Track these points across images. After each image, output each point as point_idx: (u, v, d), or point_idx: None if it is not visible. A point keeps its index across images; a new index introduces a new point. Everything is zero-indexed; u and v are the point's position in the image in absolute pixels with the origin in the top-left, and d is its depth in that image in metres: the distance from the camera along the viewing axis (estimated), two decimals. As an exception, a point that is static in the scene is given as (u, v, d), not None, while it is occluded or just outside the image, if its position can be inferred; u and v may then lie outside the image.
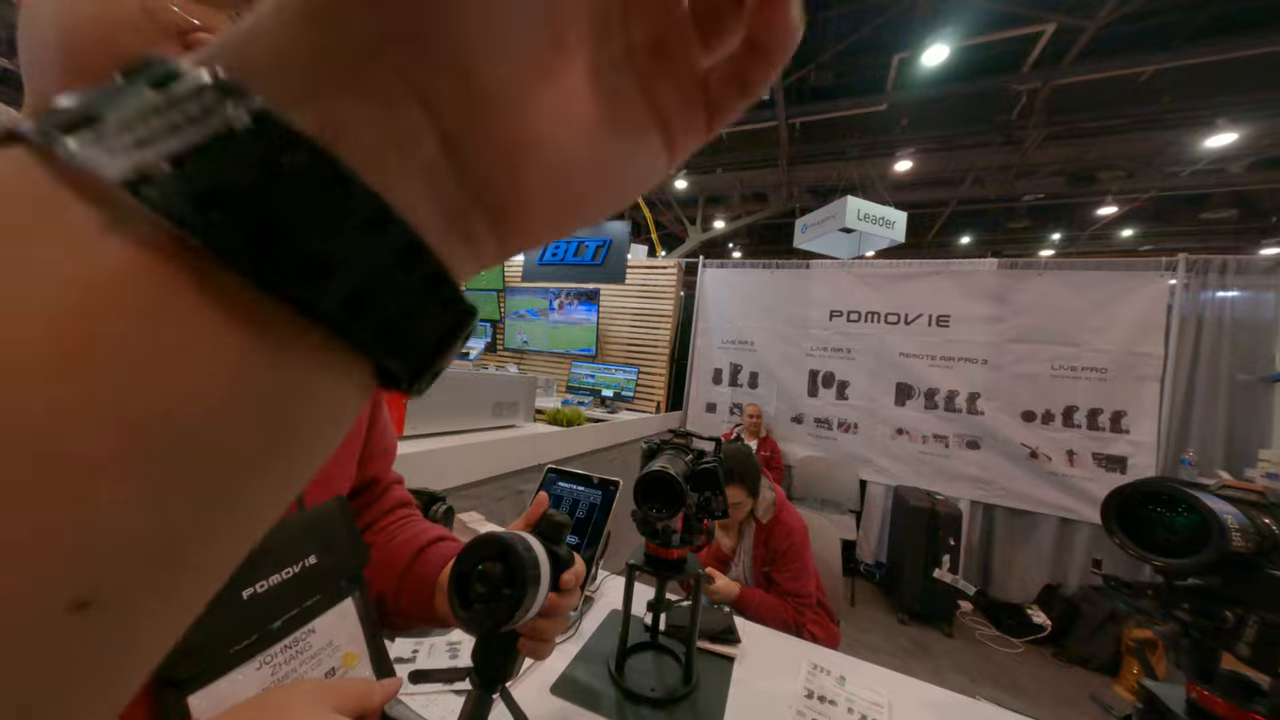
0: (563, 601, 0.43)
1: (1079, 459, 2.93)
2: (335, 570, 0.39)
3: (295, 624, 0.35)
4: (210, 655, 0.30)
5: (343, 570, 0.40)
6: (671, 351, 3.98)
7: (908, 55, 4.19)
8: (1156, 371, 2.80)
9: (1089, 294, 2.96)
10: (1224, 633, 0.55)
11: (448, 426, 1.34)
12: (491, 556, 0.40)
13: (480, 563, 0.40)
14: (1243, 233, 6.36)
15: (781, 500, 1.47)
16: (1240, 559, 0.53)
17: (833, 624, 1.43)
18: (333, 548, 0.39)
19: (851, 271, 3.58)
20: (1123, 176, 5.37)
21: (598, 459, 2.21)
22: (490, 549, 0.40)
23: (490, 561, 0.39)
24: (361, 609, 0.41)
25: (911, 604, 2.81)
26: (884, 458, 3.37)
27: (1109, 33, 3.81)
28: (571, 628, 0.98)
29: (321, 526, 0.39)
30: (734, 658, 0.96)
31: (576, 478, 1.15)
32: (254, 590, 0.32)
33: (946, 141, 5.35)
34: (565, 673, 0.86)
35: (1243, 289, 2.76)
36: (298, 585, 0.35)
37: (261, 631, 0.32)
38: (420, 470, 1.11)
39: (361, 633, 0.40)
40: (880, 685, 0.90)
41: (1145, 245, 7.23)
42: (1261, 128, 4.24)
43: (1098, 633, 2.51)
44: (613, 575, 1.19)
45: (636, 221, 5.52)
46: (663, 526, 0.85)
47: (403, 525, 0.56)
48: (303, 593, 0.36)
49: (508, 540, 0.40)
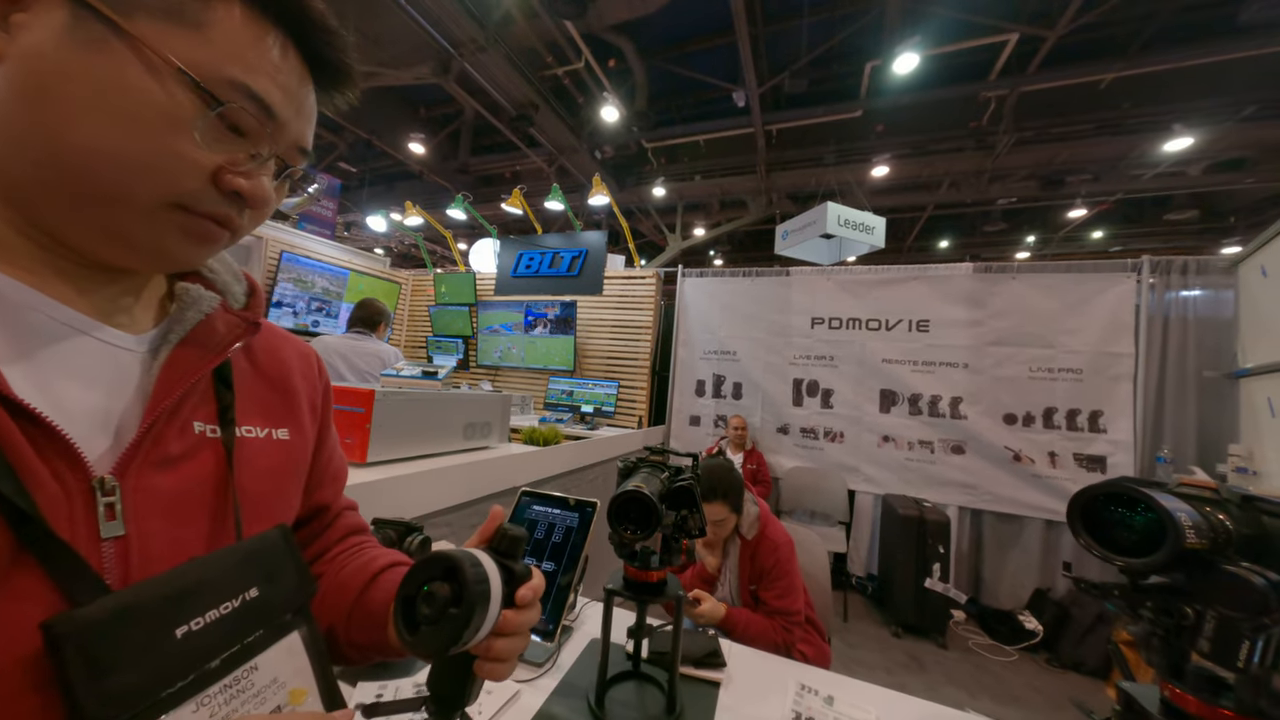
0: (520, 618, 0.42)
1: (1060, 460, 2.96)
2: (279, 603, 0.37)
3: (236, 661, 0.33)
4: (139, 701, 0.28)
5: (288, 602, 0.38)
6: (652, 364, 3.94)
7: (880, 63, 4.29)
8: (1129, 370, 2.86)
9: (1061, 296, 3.02)
10: (1186, 629, 0.56)
11: (414, 451, 1.28)
12: (437, 576, 0.38)
13: (426, 583, 0.38)
14: (1205, 233, 6.62)
15: (766, 515, 1.44)
16: (1196, 556, 0.55)
17: (823, 641, 1.39)
18: (276, 579, 0.37)
19: (832, 278, 3.60)
20: (1090, 179, 5.56)
21: (578, 479, 2.16)
22: (435, 568, 0.38)
23: (436, 582, 0.38)
24: (309, 642, 0.38)
25: (904, 616, 2.79)
26: (871, 466, 3.37)
27: (1069, 42, 3.97)
28: (549, 660, 0.93)
29: (262, 557, 0.37)
30: (719, 682, 0.93)
31: (552, 500, 1.11)
32: (188, 628, 0.30)
33: (921, 147, 5.49)
34: (543, 709, 0.82)
35: (1204, 288, 2.84)
36: (238, 620, 0.33)
37: (198, 671, 0.31)
38: (385, 499, 1.05)
39: (310, 667, 0.38)
40: (868, 703, 0.88)
41: (1115, 246, 7.49)
42: (1215, 132, 4.43)
43: (1088, 635, 2.52)
44: (593, 602, 1.15)
45: (614, 230, 5.52)
46: (640, 548, 0.81)
47: (354, 553, 0.54)
48: (244, 628, 0.34)
49: (454, 558, 0.38)
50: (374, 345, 2.35)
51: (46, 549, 0.27)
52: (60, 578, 0.27)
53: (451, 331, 4.59)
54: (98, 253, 0.32)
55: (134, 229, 0.31)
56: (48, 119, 0.28)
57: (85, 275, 0.33)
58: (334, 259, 4.05)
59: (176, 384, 0.35)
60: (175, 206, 0.32)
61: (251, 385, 0.43)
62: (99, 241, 0.32)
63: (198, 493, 0.35)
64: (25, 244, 0.31)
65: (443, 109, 6.07)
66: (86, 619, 0.26)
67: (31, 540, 0.26)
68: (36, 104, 0.28)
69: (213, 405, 0.38)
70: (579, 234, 4.20)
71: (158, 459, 0.33)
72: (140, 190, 0.30)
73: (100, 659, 0.26)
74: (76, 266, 0.33)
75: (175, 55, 0.29)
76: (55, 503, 0.27)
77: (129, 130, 0.29)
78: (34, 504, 0.26)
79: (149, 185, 0.30)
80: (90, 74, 0.28)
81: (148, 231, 0.32)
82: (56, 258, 0.32)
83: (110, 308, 0.35)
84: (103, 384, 0.33)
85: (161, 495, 0.33)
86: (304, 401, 0.48)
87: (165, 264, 0.37)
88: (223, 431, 0.38)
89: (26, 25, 0.28)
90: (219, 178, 0.32)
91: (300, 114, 0.37)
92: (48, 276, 0.31)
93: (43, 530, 0.26)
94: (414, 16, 3.62)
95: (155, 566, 0.31)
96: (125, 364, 0.34)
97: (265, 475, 0.41)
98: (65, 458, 0.29)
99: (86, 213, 0.31)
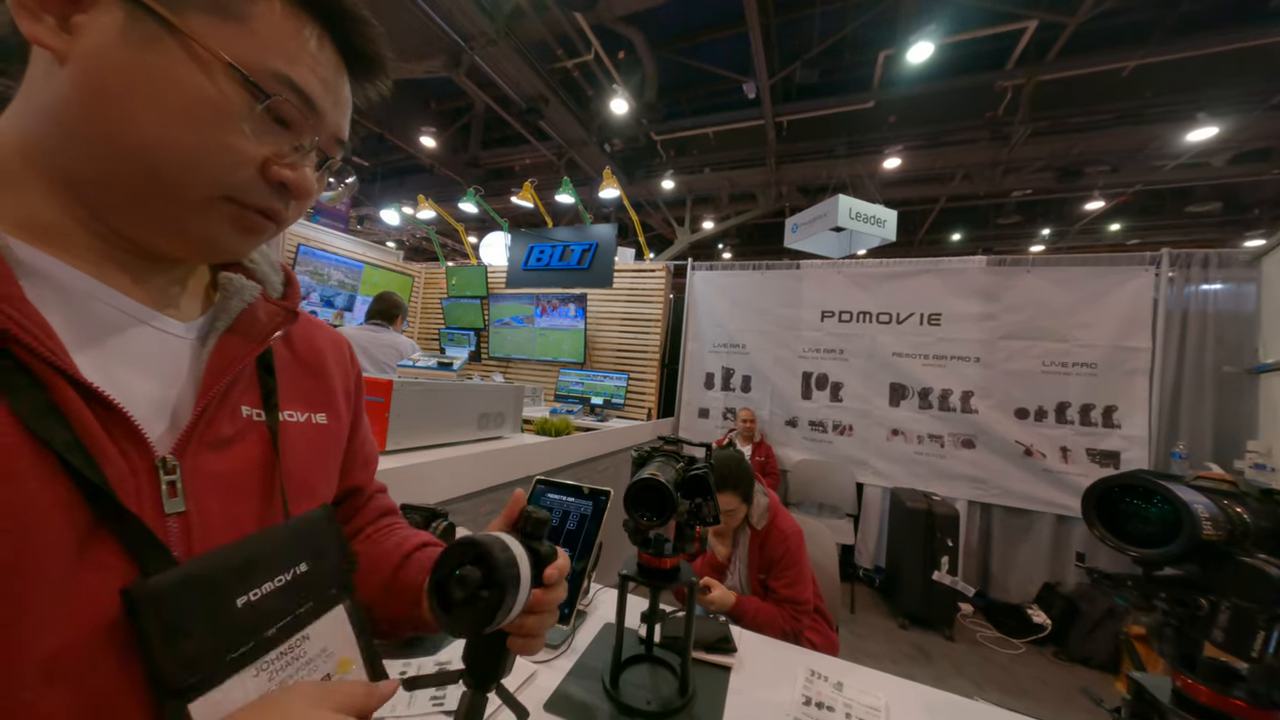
0: (548, 596, 0.43)
1: (1073, 455, 2.94)
2: (325, 577, 0.39)
3: (289, 630, 0.35)
4: (208, 664, 0.30)
5: (333, 577, 0.40)
6: (662, 356, 3.96)
7: (893, 52, 4.22)
8: (1145, 365, 2.82)
9: (1076, 289, 2.98)
10: (1199, 619, 0.56)
11: (432, 440, 1.31)
12: (469, 560, 0.39)
13: (457, 568, 0.39)
14: (1228, 225, 6.45)
15: (776, 505, 1.45)
16: (1212, 547, 0.55)
17: (831, 631, 1.41)
18: (322, 555, 0.39)
19: (842, 271, 3.58)
20: (1108, 171, 5.44)
21: (588, 469, 2.19)
22: (466, 553, 0.40)
23: (468, 566, 0.39)
24: (353, 614, 0.41)
25: (911, 608, 2.80)
26: (880, 459, 3.37)
27: (1090, 29, 3.86)
28: (564, 643, 0.96)
29: (309, 535, 0.39)
30: (730, 667, 0.95)
31: (567, 489, 1.14)
32: (248, 598, 0.33)
33: (934, 138, 5.39)
34: (559, 689, 0.84)
35: (1225, 282, 2.79)
36: (290, 592, 0.36)
37: (257, 639, 0.33)
38: (405, 485, 1.08)
39: (355, 638, 0.40)
40: (878, 689, 0.89)
41: (1133, 239, 7.32)
42: (1241, 121, 4.31)
43: (1097, 630, 2.51)
44: (606, 588, 1.17)
45: (623, 223, 5.51)
46: (655, 535, 0.83)
47: (388, 533, 0.56)
48: (295, 600, 0.36)
49: (483, 543, 0.39)
50: (391, 337, 2.39)
51: (120, 523, 0.28)
52: (133, 549, 0.29)
53: (463, 324, 4.64)
54: (153, 243, 0.34)
55: (188, 221, 0.33)
56: (109, 116, 0.29)
57: (140, 265, 0.35)
58: (349, 252, 4.10)
59: (226, 370, 0.36)
60: (226, 199, 0.33)
61: (291, 372, 0.45)
62: (154, 232, 0.33)
63: (247, 473, 0.37)
64: (85, 235, 0.32)
65: (453, 102, 6.07)
66: (160, 586, 0.28)
67: (106, 515, 0.28)
68: (98, 102, 0.29)
69: (257, 391, 0.40)
70: (589, 227, 4.21)
71: (211, 441, 0.35)
72: (195, 183, 0.32)
73: (173, 623, 0.28)
74: (132, 257, 0.34)
75: (223, 49, 0.30)
76: (124, 480, 0.29)
77: (183, 125, 0.30)
78: (106, 480, 0.28)
79: (203, 178, 0.32)
80: (147, 71, 0.29)
81: (200, 223, 0.33)
82: (114, 248, 0.34)
83: (162, 297, 0.37)
84: (159, 369, 0.35)
85: (216, 475, 0.35)
86: (339, 388, 0.50)
87: (215, 254, 0.38)
88: (267, 415, 0.40)
89: (86, 26, 0.29)
90: (266, 169, 0.34)
91: (338, 105, 0.38)
92: (106, 267, 0.33)
93: (117, 505, 0.28)
94: (426, 10, 3.63)
95: (213, 541, 0.33)
96: (177, 350, 0.36)
97: (306, 457, 0.43)
98: (131, 438, 0.30)
99: (144, 206, 0.32)
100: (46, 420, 0.27)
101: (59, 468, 0.27)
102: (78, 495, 0.27)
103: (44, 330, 0.28)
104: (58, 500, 0.26)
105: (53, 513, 0.26)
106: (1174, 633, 0.59)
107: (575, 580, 1.02)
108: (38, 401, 0.27)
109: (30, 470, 0.26)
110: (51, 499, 0.26)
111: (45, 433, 0.26)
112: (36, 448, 0.26)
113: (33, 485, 0.26)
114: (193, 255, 0.37)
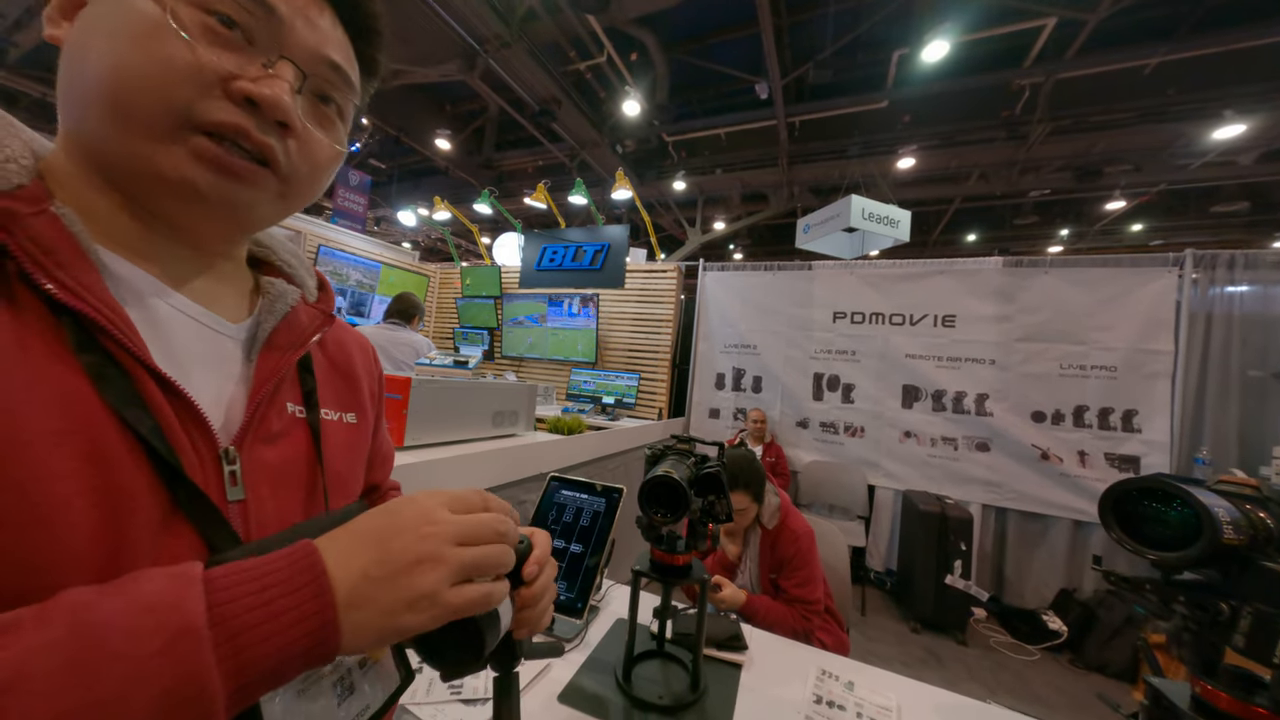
0: (534, 590, 0.42)
1: (1091, 459, 2.89)
2: None
3: None
4: None
5: None
6: (673, 357, 3.97)
7: (907, 51, 4.19)
8: (1167, 369, 2.76)
9: (1096, 291, 2.92)
10: (1220, 625, 0.55)
11: (448, 436, 1.34)
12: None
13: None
14: (1256, 225, 6.27)
15: (787, 506, 1.46)
16: (1233, 552, 0.54)
17: (842, 631, 1.41)
18: None
19: (854, 272, 3.56)
20: (1130, 170, 5.32)
21: (600, 467, 2.21)
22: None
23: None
24: None
25: (923, 612, 2.77)
26: (892, 461, 3.34)
27: (1111, 25, 3.79)
28: (578, 637, 0.98)
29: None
30: (741, 665, 0.96)
31: (580, 485, 1.15)
32: None
33: (949, 138, 5.32)
34: (572, 682, 0.86)
35: (1252, 283, 2.71)
36: None
37: None
38: (421, 481, 1.11)
39: None
40: (889, 689, 0.90)
41: (1156, 240, 7.15)
42: (1271, 118, 4.19)
43: (1115, 638, 2.47)
44: (619, 584, 1.19)
45: (635, 224, 5.53)
46: (668, 532, 0.85)
47: None
48: None
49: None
50: (408, 336, 2.44)
51: (194, 506, 0.30)
52: (205, 530, 0.31)
53: (477, 323, 4.69)
54: (156, 204, 0.34)
55: (159, 159, 0.31)
56: (79, 64, 0.31)
57: (188, 263, 0.37)
58: (367, 253, 4.17)
59: (275, 369, 0.38)
60: (192, 128, 0.31)
61: (326, 373, 0.47)
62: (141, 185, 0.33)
63: (295, 466, 0.39)
64: (134, 225, 0.34)
65: (468, 105, 6.15)
66: (234, 560, 0.30)
67: (183, 499, 0.30)
68: (72, 60, 0.31)
69: (299, 390, 0.42)
70: (601, 228, 4.23)
71: (264, 435, 0.37)
72: (149, 105, 0.30)
73: None
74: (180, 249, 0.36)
75: None
76: (194, 467, 0.31)
77: (128, 45, 0.30)
78: (182, 466, 0.30)
79: (156, 99, 0.30)
80: (104, 9, 0.31)
81: (170, 160, 0.31)
82: (158, 236, 0.35)
83: (211, 298, 0.39)
84: (215, 366, 0.37)
85: (268, 466, 0.37)
86: (365, 389, 0.52)
87: (201, 204, 0.33)
88: (309, 414, 0.42)
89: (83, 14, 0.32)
90: (228, 86, 0.32)
91: (313, 25, 0.36)
92: (160, 264, 0.35)
93: (192, 489, 0.30)
94: (441, 14, 3.69)
95: (267, 528, 0.35)
96: (229, 349, 0.38)
97: (342, 454, 0.45)
98: (199, 428, 0.32)
99: (119, 148, 0.31)
100: (134, 409, 0.29)
101: (144, 453, 0.29)
102: (158, 479, 0.29)
103: (127, 324, 0.30)
104: (147, 482, 0.29)
105: (145, 494, 0.28)
106: (1193, 638, 0.58)
107: (589, 576, 1.03)
108: (126, 391, 0.29)
109: (125, 455, 0.28)
110: (144, 482, 0.28)
111: (135, 421, 0.28)
112: (125, 434, 0.28)
113: (128, 468, 0.28)
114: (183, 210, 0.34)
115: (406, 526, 0.31)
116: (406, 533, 0.31)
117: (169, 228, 0.35)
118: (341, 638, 0.27)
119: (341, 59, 0.38)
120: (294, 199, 0.39)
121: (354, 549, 0.30)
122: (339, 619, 0.27)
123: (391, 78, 4.61)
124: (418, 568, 0.30)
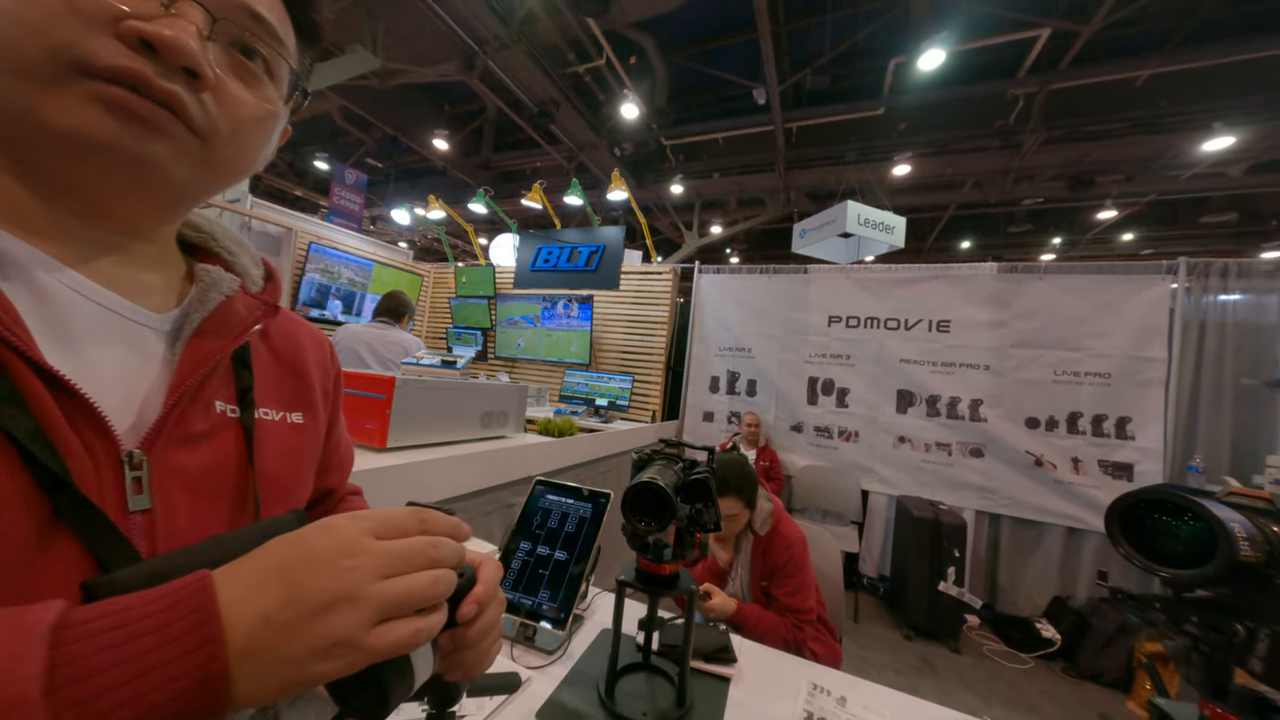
0: (470, 633, 0.36)
1: (1084, 466, 2.88)
2: None
3: None
4: None
5: None
6: (667, 359, 3.94)
7: (904, 59, 4.21)
8: (1160, 376, 2.77)
9: (1090, 298, 2.93)
10: (1235, 647, 0.53)
11: (433, 438, 1.31)
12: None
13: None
14: (1243, 236, 6.36)
15: (780, 511, 1.43)
16: (1250, 569, 0.52)
17: (834, 641, 1.38)
18: None
19: (850, 276, 3.55)
20: (1122, 180, 5.38)
21: (591, 470, 2.18)
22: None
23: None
24: None
25: (916, 619, 2.75)
26: (886, 467, 3.33)
27: (1104, 37, 3.83)
28: (560, 648, 0.94)
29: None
30: (730, 678, 0.93)
31: (566, 490, 1.12)
32: None
33: (945, 146, 5.37)
34: (552, 697, 0.82)
35: (1244, 292, 2.73)
36: None
37: None
38: (404, 484, 1.08)
39: None
40: (882, 705, 0.87)
41: (1146, 249, 7.23)
42: (1259, 131, 4.25)
43: (1109, 646, 2.45)
44: (604, 592, 1.16)
45: (632, 226, 5.52)
46: (654, 541, 0.82)
47: None
48: None
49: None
50: (397, 334, 2.40)
51: (80, 517, 0.27)
52: (93, 545, 0.27)
53: (471, 323, 4.66)
54: (42, 163, 0.30)
55: (44, 107, 0.28)
56: None
57: (107, 250, 0.33)
58: (360, 251, 4.13)
59: (200, 363, 0.35)
60: (77, 71, 0.28)
61: (268, 369, 0.43)
62: (30, 145, 0.29)
63: (219, 471, 0.36)
64: (38, 205, 0.30)
65: (466, 106, 6.14)
66: (124, 581, 0.26)
67: (66, 508, 0.27)
68: None
69: (233, 387, 0.38)
70: (597, 229, 4.21)
71: (181, 436, 0.33)
72: (30, 46, 0.27)
73: None
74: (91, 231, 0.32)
75: None
76: (86, 473, 0.28)
77: None
78: (69, 472, 0.27)
79: (36, 40, 0.27)
80: None
81: (57, 108, 0.28)
82: (64, 214, 0.31)
83: (134, 286, 0.35)
84: (129, 361, 0.33)
85: (185, 472, 0.33)
86: (317, 386, 0.48)
87: (101, 156, 0.29)
88: (242, 413, 0.38)
89: None
90: (118, 26, 0.28)
91: None
92: (72, 249, 0.31)
93: (78, 498, 0.27)
94: (440, 15, 3.67)
95: (178, 540, 0.31)
96: (150, 342, 0.34)
97: (281, 458, 0.41)
98: (96, 430, 0.29)
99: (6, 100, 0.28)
100: (10, 407, 0.25)
101: (19, 458, 0.25)
102: (36, 488, 0.26)
103: (8, 313, 0.26)
104: (18, 491, 0.25)
105: (16, 505, 0.25)
106: (1203, 659, 0.55)
107: (573, 584, 1.00)
108: (1, 387, 0.25)
109: None
110: (11, 490, 0.25)
111: (8, 421, 0.25)
112: None
113: None
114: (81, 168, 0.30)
115: (321, 560, 0.27)
116: (321, 567, 0.26)
117: (77, 203, 0.31)
118: (232, 694, 0.23)
119: (265, 9, 0.34)
120: (219, 165, 0.34)
121: (257, 586, 0.25)
122: (230, 672, 0.23)
123: (389, 77, 4.59)
124: (332, 609, 0.25)
